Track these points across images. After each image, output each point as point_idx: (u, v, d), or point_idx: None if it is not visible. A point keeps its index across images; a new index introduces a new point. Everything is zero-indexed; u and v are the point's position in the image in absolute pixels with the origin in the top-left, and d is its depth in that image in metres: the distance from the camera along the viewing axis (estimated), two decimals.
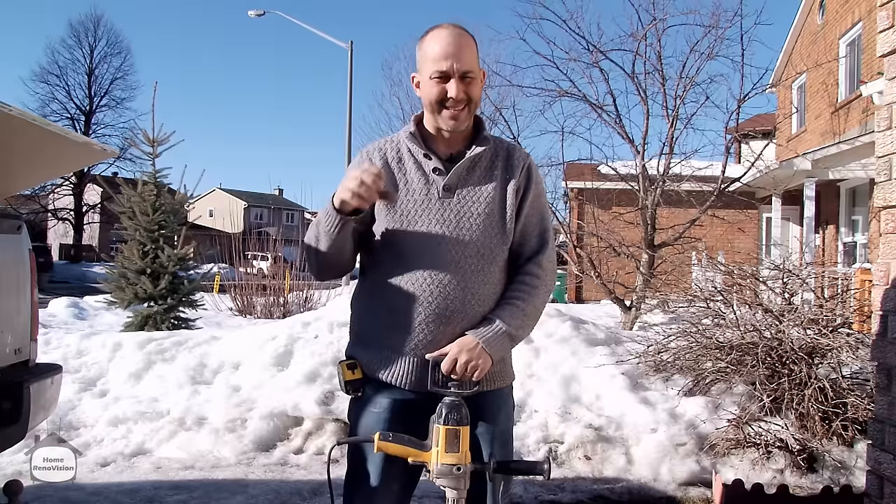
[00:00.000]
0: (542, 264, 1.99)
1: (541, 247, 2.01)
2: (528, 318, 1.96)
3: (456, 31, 1.91)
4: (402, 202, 1.92)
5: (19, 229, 3.37)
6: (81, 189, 41.35)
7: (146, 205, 9.73)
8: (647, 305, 9.35)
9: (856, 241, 13.47)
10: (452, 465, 1.70)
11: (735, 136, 11.24)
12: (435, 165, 1.95)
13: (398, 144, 2.01)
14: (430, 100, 1.91)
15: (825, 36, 15.30)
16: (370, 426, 1.88)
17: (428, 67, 1.90)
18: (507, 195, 1.97)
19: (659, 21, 9.94)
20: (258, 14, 22.67)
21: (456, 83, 1.88)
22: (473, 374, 1.83)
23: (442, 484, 1.72)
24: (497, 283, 1.96)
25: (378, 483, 1.89)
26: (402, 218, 1.90)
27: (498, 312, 1.91)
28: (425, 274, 1.87)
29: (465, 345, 1.84)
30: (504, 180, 1.98)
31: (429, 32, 1.93)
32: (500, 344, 1.88)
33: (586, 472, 4.44)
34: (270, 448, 4.79)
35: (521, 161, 2.02)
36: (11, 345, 3.21)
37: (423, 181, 1.94)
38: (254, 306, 13.50)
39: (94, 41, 43.28)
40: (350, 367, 1.92)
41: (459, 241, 1.90)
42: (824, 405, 4.38)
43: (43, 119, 3.21)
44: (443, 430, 1.71)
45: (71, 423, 4.99)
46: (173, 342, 6.40)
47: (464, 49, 1.89)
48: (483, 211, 1.93)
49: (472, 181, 1.96)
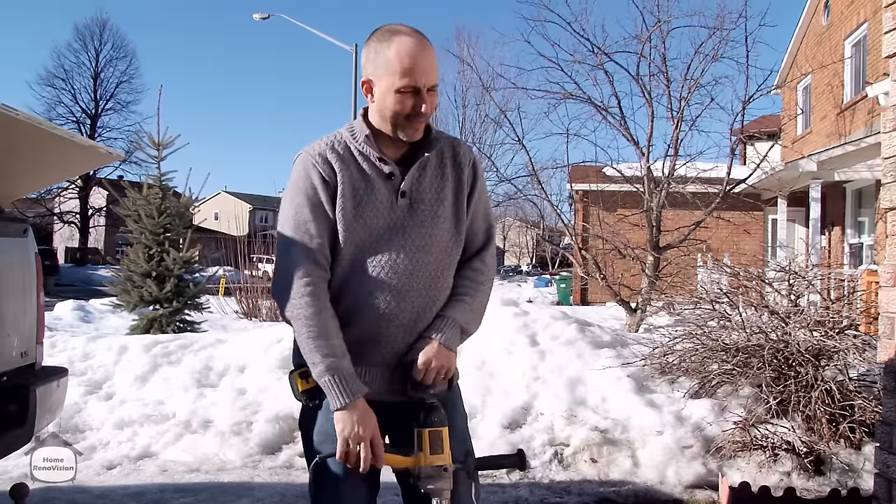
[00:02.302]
0: (486, 260, 2.01)
1: (485, 243, 2.02)
2: (476, 314, 1.97)
3: (422, 41, 1.82)
4: (363, 209, 1.86)
5: (25, 232, 3.38)
6: (87, 192, 41.49)
7: (151, 208, 9.77)
8: (653, 307, 9.34)
9: (862, 243, 13.43)
10: (440, 466, 1.74)
11: (740, 138, 11.23)
12: (391, 170, 1.88)
13: (346, 145, 1.90)
14: (396, 113, 1.83)
15: (830, 37, 15.27)
16: (330, 434, 1.83)
17: (393, 80, 1.80)
18: (459, 196, 1.96)
19: (663, 23, 9.97)
20: (263, 17, 22.72)
21: (426, 98, 1.82)
22: (444, 378, 1.85)
23: (430, 486, 1.74)
24: (451, 285, 1.96)
25: (344, 489, 1.87)
26: (361, 224, 1.85)
27: (448, 310, 1.91)
28: (387, 284, 1.85)
29: (432, 349, 1.84)
30: (455, 181, 1.96)
31: (390, 38, 1.81)
32: (454, 338, 1.90)
33: (592, 474, 4.43)
34: (276, 451, 4.79)
35: (467, 158, 1.99)
36: (18, 348, 3.21)
37: (380, 186, 1.88)
38: (259, 309, 13.52)
39: (100, 45, 43.55)
40: (303, 376, 1.87)
41: (420, 247, 1.88)
42: (831, 407, 4.36)
43: (49, 122, 3.22)
44: (426, 433, 1.75)
45: (77, 426, 4.99)
46: (179, 345, 6.41)
47: (430, 61, 1.82)
48: (440, 215, 1.91)
49: (424, 184, 1.91)
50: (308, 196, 1.85)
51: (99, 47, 43.46)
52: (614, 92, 10.35)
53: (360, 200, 1.85)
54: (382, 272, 1.85)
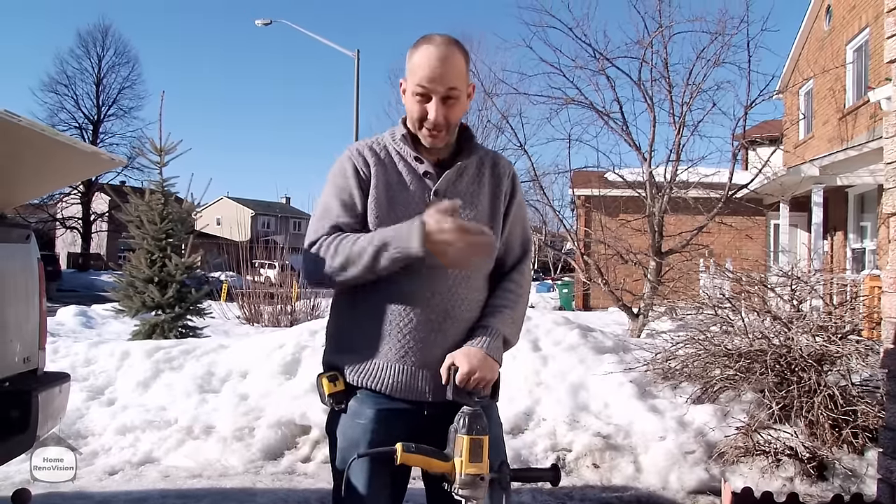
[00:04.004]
0: (524, 272, 2.04)
1: (523, 255, 2.05)
2: (516, 325, 1.99)
3: (444, 49, 1.85)
4: (395, 203, 1.89)
5: (28, 238, 3.39)
6: (89, 198, 41.54)
7: (154, 213, 9.78)
8: (655, 313, 9.32)
9: (864, 248, 13.41)
10: (476, 474, 1.72)
11: (742, 143, 11.23)
12: (426, 169, 1.93)
13: (385, 146, 1.97)
14: (412, 115, 1.90)
15: (832, 42, 15.28)
16: (356, 439, 1.85)
17: (412, 83, 1.87)
18: (495, 204, 1.99)
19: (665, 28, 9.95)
20: (265, 23, 22.77)
21: (436, 106, 1.85)
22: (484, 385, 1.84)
23: (465, 494, 1.73)
24: (482, 290, 1.97)
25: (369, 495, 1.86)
26: (393, 220, 1.86)
27: (491, 320, 1.92)
28: (415, 280, 1.86)
29: (476, 357, 1.83)
30: (492, 190, 1.99)
31: (420, 44, 1.87)
32: (499, 351, 1.91)
33: (595, 480, 4.42)
34: (278, 456, 4.79)
35: (507, 170, 2.03)
36: (20, 353, 3.22)
37: (415, 184, 1.92)
38: (261, 314, 13.53)
39: (103, 51, 43.61)
40: (331, 380, 1.88)
41: None
42: (834, 413, 4.35)
43: (51, 129, 3.23)
44: (467, 441, 1.72)
45: (79, 432, 5.00)
46: (181, 351, 6.42)
47: (449, 69, 1.84)
48: (472, 218, 1.92)
49: (460, 189, 1.94)
50: (338, 185, 1.92)
51: (101, 53, 43.59)
52: (616, 97, 10.34)
53: (393, 195, 1.90)
54: (411, 269, 1.84)
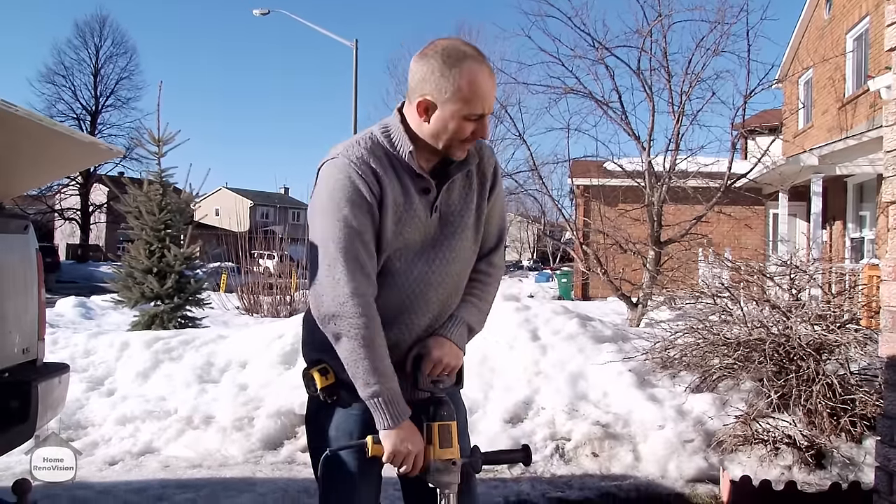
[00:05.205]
0: (494, 261, 2.04)
1: (497, 244, 2.05)
2: (482, 313, 2.01)
3: (488, 67, 1.80)
4: (402, 224, 1.84)
5: (26, 229, 3.38)
6: (88, 189, 41.47)
7: (152, 204, 9.78)
8: (654, 302, 9.34)
9: (863, 237, 13.42)
10: (449, 459, 1.76)
11: (741, 132, 11.20)
12: (426, 185, 1.86)
13: (385, 152, 1.84)
14: (455, 136, 1.80)
15: (832, 31, 15.23)
16: (349, 429, 1.87)
17: (461, 107, 1.76)
18: (481, 204, 1.98)
19: (664, 17, 9.92)
20: (263, 13, 22.67)
21: (486, 123, 1.82)
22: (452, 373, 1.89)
23: (439, 480, 1.76)
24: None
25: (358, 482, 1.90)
26: (399, 239, 1.84)
27: (458, 310, 1.96)
28: (416, 295, 1.87)
29: (444, 346, 1.87)
30: (479, 189, 1.97)
31: (458, 63, 1.75)
32: (463, 339, 1.94)
33: (594, 469, 4.43)
34: (278, 446, 4.80)
35: (491, 164, 2.00)
36: (19, 344, 3.22)
37: (416, 200, 1.86)
38: (260, 305, 13.54)
39: (100, 41, 43.45)
40: (322, 373, 1.87)
41: (448, 259, 1.90)
42: (832, 401, 4.36)
43: (49, 119, 3.22)
44: (436, 427, 1.77)
45: (79, 423, 5.01)
46: (180, 341, 6.42)
47: (494, 86, 1.83)
48: (466, 225, 1.93)
49: (454, 196, 1.92)
50: (357, 205, 1.78)
51: (99, 44, 43.42)
52: (615, 86, 10.31)
53: (400, 216, 1.83)
54: (414, 284, 1.86)
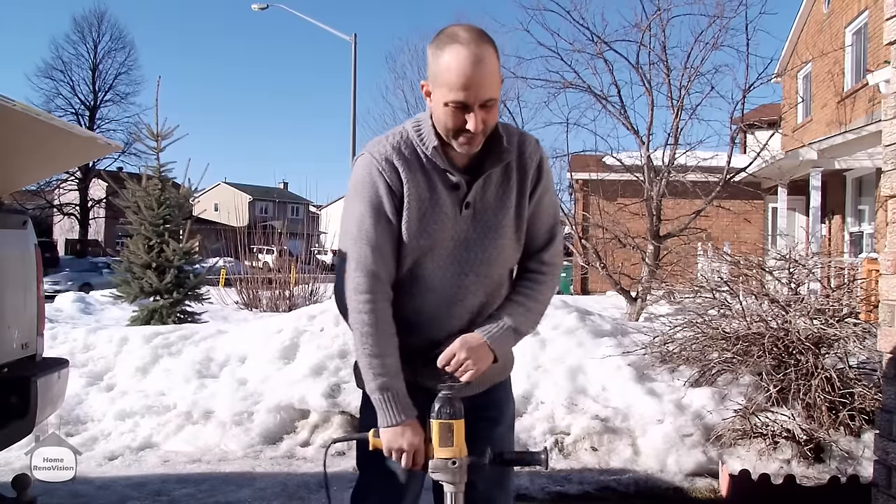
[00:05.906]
0: (545, 260, 1.93)
1: (548, 242, 1.94)
2: (533, 314, 1.91)
3: (478, 52, 1.66)
4: (427, 221, 1.79)
5: (25, 225, 3.38)
6: (86, 184, 41.38)
7: (151, 199, 9.76)
8: (653, 296, 9.34)
9: (862, 231, 13.43)
10: (447, 458, 1.71)
11: (740, 127, 11.22)
12: (457, 181, 1.80)
13: (412, 149, 1.80)
14: (445, 127, 1.74)
15: (831, 25, 15.21)
16: None
17: (443, 92, 1.69)
18: (521, 201, 1.88)
19: (663, 11, 9.93)
20: (261, 7, 22.59)
21: (476, 115, 1.69)
22: (465, 373, 1.78)
23: (438, 478, 1.73)
24: (509, 287, 1.94)
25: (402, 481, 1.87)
26: (425, 237, 1.79)
27: (502, 310, 1.87)
28: (449, 297, 1.83)
29: (468, 342, 1.79)
30: (519, 185, 1.88)
31: (445, 44, 1.68)
32: (505, 340, 1.85)
33: (593, 463, 4.44)
34: (277, 441, 4.81)
35: (533, 158, 1.89)
36: (18, 340, 3.22)
37: (445, 197, 1.80)
38: (260, 300, 13.53)
39: (98, 36, 43.21)
40: None
41: (483, 260, 1.84)
42: (831, 395, 4.37)
43: (47, 114, 3.22)
44: (436, 425, 1.71)
45: (78, 418, 5.01)
46: (179, 336, 6.42)
47: (485, 72, 1.67)
48: (503, 224, 1.85)
49: (489, 193, 1.84)
50: (373, 204, 1.77)
51: (97, 39, 43.17)
52: (614, 81, 10.33)
53: (424, 212, 1.79)
54: (445, 285, 1.82)
